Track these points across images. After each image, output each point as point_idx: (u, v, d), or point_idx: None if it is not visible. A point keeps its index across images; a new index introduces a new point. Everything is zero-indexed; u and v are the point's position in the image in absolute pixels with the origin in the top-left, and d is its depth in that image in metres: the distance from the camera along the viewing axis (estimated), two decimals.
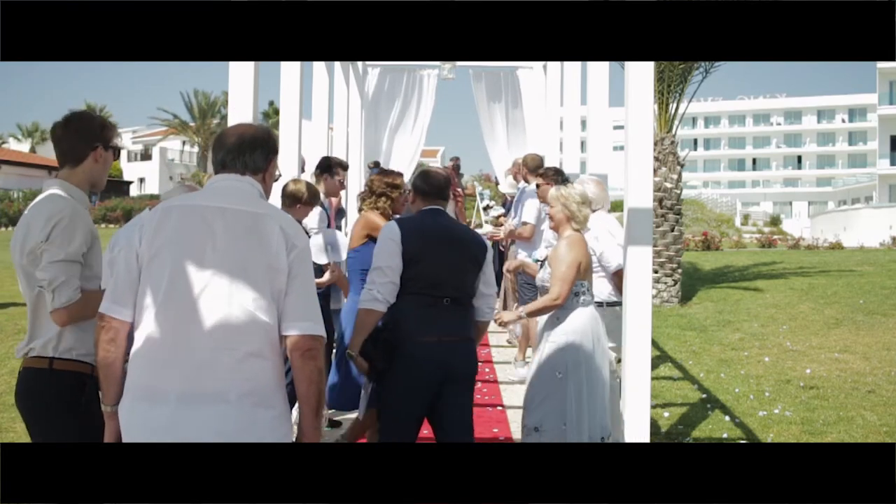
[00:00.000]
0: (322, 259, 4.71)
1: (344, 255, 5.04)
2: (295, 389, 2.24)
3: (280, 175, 2.81)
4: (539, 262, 4.41)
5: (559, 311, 3.84)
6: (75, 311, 2.52)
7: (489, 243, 4.52)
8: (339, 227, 6.65)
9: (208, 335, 2.12)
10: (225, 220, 2.18)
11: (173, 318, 2.14)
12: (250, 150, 2.31)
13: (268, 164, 2.36)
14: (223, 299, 2.13)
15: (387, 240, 3.26)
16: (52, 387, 2.57)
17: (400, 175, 4.52)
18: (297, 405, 2.30)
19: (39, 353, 2.58)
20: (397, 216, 4.11)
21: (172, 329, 2.13)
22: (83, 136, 2.66)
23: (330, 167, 5.75)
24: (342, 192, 6.56)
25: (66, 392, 2.57)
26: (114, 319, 2.19)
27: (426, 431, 4.96)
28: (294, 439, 2.28)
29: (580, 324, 3.76)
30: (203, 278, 2.14)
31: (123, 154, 54.77)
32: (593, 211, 4.68)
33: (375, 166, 8.62)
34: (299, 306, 2.20)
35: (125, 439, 2.20)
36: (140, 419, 2.14)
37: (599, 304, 4.49)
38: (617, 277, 4.33)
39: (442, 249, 3.29)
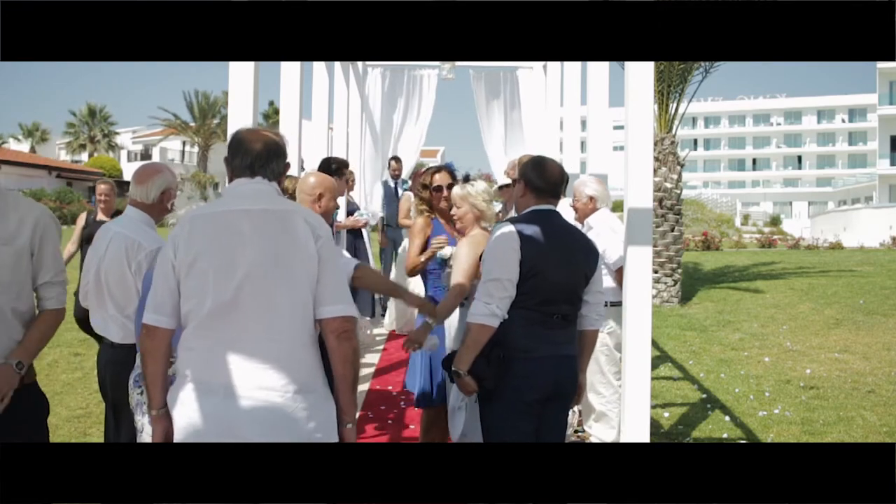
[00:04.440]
0: None
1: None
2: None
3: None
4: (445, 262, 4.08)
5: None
6: None
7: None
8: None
9: (254, 329, 2.26)
10: (251, 220, 2.32)
11: (220, 318, 2.26)
12: (276, 158, 2.46)
13: (285, 168, 2.54)
14: (264, 295, 2.27)
15: (507, 248, 2.93)
16: None
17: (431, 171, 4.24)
18: None
19: None
20: (509, 218, 3.43)
21: (220, 327, 2.26)
22: None
23: (339, 169, 5.64)
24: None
25: None
26: (158, 329, 2.30)
27: (412, 427, 4.95)
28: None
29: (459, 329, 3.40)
30: (239, 277, 2.26)
31: (123, 154, 55.22)
32: (597, 209, 4.69)
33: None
34: (331, 290, 2.34)
35: (178, 430, 2.28)
36: (191, 410, 2.25)
37: None
38: (619, 275, 4.33)
39: (560, 262, 2.98)
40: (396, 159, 9.42)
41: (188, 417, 2.25)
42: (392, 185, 9.43)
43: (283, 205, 2.41)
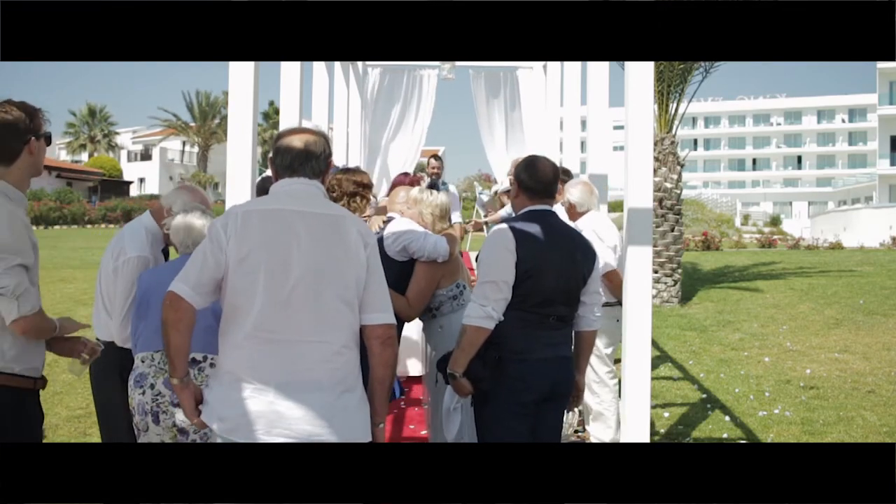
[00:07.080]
0: None
1: None
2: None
3: None
4: None
5: (440, 319, 3.66)
6: (37, 322, 2.42)
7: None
8: None
9: (303, 331, 2.29)
10: (305, 222, 2.35)
11: (271, 318, 2.28)
12: (314, 157, 2.47)
13: (327, 166, 2.54)
14: (314, 297, 2.31)
15: (501, 249, 2.88)
16: None
17: (366, 173, 4.23)
18: None
19: None
20: (504, 218, 3.30)
21: (270, 325, 2.28)
22: (13, 132, 2.44)
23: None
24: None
25: (2, 410, 2.40)
26: (183, 301, 2.29)
27: (412, 427, 4.97)
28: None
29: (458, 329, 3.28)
30: (294, 278, 2.30)
31: (123, 154, 55.28)
32: (580, 213, 4.59)
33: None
34: (377, 297, 2.41)
35: (221, 423, 2.27)
36: (239, 408, 2.25)
37: None
38: (607, 278, 4.26)
39: (558, 263, 2.94)
40: (437, 157, 9.34)
41: (236, 415, 2.25)
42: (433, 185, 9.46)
43: (335, 209, 2.47)
